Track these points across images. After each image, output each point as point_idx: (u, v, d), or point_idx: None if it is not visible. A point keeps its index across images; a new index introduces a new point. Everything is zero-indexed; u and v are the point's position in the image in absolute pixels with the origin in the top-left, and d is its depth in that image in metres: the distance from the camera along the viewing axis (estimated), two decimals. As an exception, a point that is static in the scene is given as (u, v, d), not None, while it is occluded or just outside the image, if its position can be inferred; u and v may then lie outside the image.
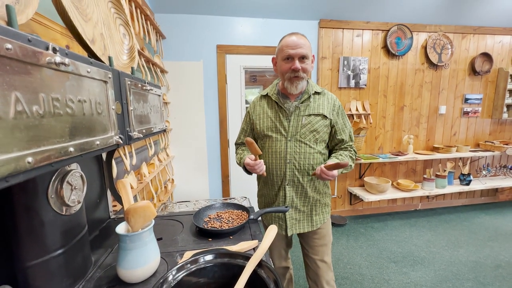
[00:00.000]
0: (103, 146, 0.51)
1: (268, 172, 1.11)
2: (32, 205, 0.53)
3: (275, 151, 1.09)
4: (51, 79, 0.37)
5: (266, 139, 1.12)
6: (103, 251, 0.81)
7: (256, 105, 1.19)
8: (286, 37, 1.05)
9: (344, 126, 1.13)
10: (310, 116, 1.07)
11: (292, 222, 1.13)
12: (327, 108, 1.10)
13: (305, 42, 1.02)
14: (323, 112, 1.08)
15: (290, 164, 1.07)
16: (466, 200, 3.21)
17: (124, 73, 0.65)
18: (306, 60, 1.02)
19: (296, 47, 0.99)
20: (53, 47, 0.37)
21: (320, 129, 1.08)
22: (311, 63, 1.05)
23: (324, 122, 1.08)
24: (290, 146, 1.07)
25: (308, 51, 1.02)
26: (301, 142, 1.06)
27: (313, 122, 1.07)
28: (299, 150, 1.06)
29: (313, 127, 1.07)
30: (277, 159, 1.09)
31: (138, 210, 0.61)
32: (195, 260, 0.52)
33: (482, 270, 1.93)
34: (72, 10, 0.64)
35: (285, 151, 1.07)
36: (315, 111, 1.08)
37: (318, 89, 1.13)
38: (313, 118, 1.07)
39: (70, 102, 0.41)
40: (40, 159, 0.34)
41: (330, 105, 1.11)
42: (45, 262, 0.56)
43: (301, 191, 1.10)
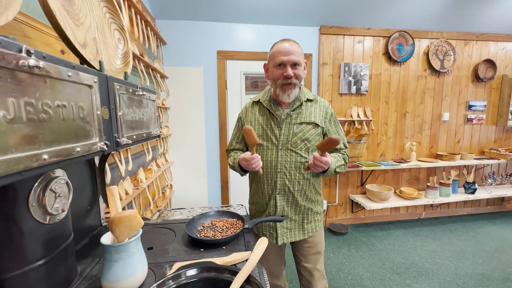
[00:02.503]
0: (85, 153, 0.49)
1: (259, 180, 1.10)
2: (10, 214, 0.51)
3: (265, 159, 1.06)
4: (23, 83, 0.35)
5: (257, 147, 1.08)
6: (90, 261, 0.78)
7: (248, 111, 1.16)
8: (277, 43, 1.03)
9: (336, 134, 1.11)
10: (302, 124, 1.05)
11: (283, 231, 1.10)
12: (319, 116, 1.08)
13: (297, 48, 1.01)
14: (315, 120, 1.06)
15: (281, 174, 1.05)
16: (471, 209, 3.13)
17: (113, 78, 0.63)
18: (299, 66, 1.01)
19: (289, 54, 0.98)
20: (27, 49, 0.35)
21: (312, 137, 1.05)
22: (303, 70, 1.04)
23: (316, 131, 1.06)
24: (281, 155, 1.04)
25: (301, 58, 1.01)
26: (292, 151, 1.04)
27: (305, 131, 1.05)
28: (289, 159, 1.04)
29: (304, 136, 1.05)
30: (267, 168, 1.06)
31: (123, 219, 0.59)
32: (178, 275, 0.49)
33: (490, 283, 1.85)
34: (62, 13, 0.63)
35: (276, 160, 1.05)
36: (307, 119, 1.06)
37: (311, 96, 1.11)
38: (305, 127, 1.05)
39: (46, 107, 0.39)
40: (6, 168, 0.32)
41: (322, 113, 1.09)
42: (24, 274, 0.53)
43: (292, 200, 1.08)
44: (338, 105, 2.69)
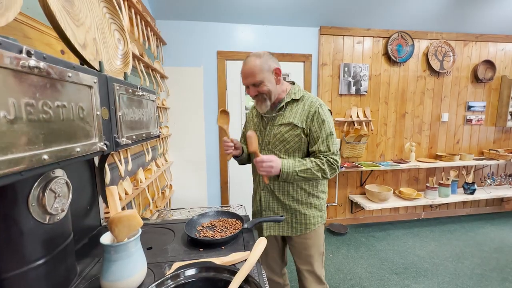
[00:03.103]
0: (84, 153, 0.49)
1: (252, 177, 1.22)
2: (10, 213, 0.51)
3: (253, 157, 1.12)
4: (24, 84, 0.35)
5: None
6: (90, 261, 0.78)
7: (250, 112, 1.28)
8: (242, 65, 1.06)
9: (319, 134, 1.05)
10: (281, 126, 1.07)
11: (270, 224, 1.14)
12: (300, 116, 1.06)
13: (254, 68, 1.01)
14: (293, 121, 1.05)
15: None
16: (470, 210, 3.14)
17: (112, 78, 0.63)
18: (261, 84, 1.02)
19: (246, 77, 1.03)
20: (28, 50, 0.36)
21: (290, 139, 1.06)
22: (272, 80, 1.04)
23: (295, 132, 1.05)
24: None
25: (259, 76, 1.01)
26: (272, 151, 1.09)
27: (283, 132, 1.07)
28: None
29: (282, 137, 1.07)
30: (253, 166, 1.17)
31: (122, 219, 0.59)
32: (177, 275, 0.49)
33: (488, 283, 1.86)
34: (62, 14, 0.64)
35: None
36: (286, 120, 1.07)
37: (297, 95, 1.10)
38: (283, 128, 1.07)
39: (46, 108, 0.39)
40: (6, 167, 0.32)
41: (304, 112, 1.06)
42: (23, 273, 0.54)
43: (275, 198, 1.13)
44: (338, 106, 2.70)
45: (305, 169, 1.01)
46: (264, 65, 1.02)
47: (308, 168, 1.01)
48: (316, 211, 1.14)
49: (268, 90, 1.03)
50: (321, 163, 1.02)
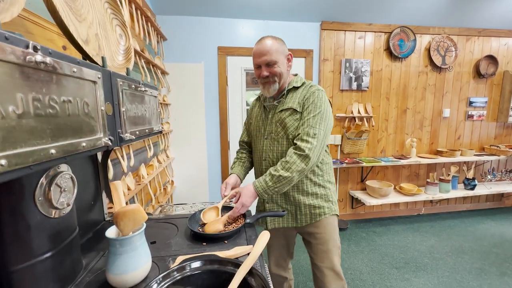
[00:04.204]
0: (90, 148, 0.49)
1: (255, 168, 1.21)
2: (17, 208, 0.52)
3: (256, 149, 1.15)
4: (31, 79, 0.36)
5: (253, 138, 1.20)
6: (95, 254, 0.79)
7: (252, 105, 1.26)
8: (256, 44, 1.06)
9: (306, 117, 0.99)
10: (282, 112, 1.06)
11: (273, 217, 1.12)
12: (298, 101, 1.03)
13: (271, 47, 1.00)
14: (292, 106, 1.03)
15: (265, 162, 1.11)
16: (470, 205, 3.15)
17: (116, 74, 0.64)
18: (275, 64, 1.01)
19: (261, 56, 1.01)
20: (34, 45, 0.36)
21: (290, 124, 1.03)
22: (284, 64, 1.04)
23: (294, 117, 1.03)
24: (266, 144, 1.10)
25: (275, 56, 1.00)
26: (274, 139, 1.07)
27: (283, 118, 1.05)
28: (271, 148, 1.08)
29: (283, 123, 1.05)
30: (256, 157, 1.15)
31: (127, 213, 0.60)
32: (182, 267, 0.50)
33: (487, 277, 1.88)
34: (65, 10, 0.64)
35: (261, 149, 1.12)
36: (286, 106, 1.05)
37: (299, 83, 1.08)
38: (283, 114, 1.05)
39: (52, 102, 0.39)
40: (16, 162, 0.32)
41: (302, 97, 1.04)
42: (31, 266, 0.55)
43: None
44: (339, 101, 2.69)
45: (277, 176, 0.94)
46: (280, 48, 1.02)
47: (279, 175, 0.94)
48: (322, 201, 1.10)
49: (280, 72, 1.02)
50: (288, 160, 0.95)
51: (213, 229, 0.90)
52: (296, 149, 0.96)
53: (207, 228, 0.90)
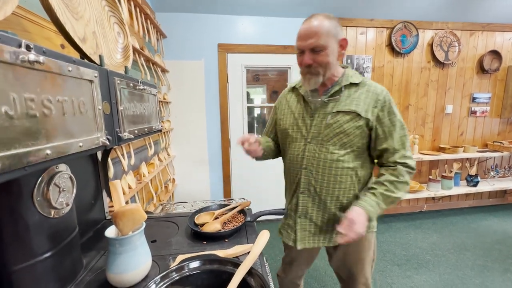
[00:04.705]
0: (87, 148, 0.49)
1: (287, 175, 1.01)
2: (16, 208, 0.52)
3: (293, 153, 0.94)
4: (24, 78, 0.35)
5: (287, 139, 0.97)
6: (95, 253, 0.79)
7: (283, 98, 1.04)
8: (302, 23, 0.85)
9: (391, 129, 0.85)
10: (338, 114, 0.85)
11: (304, 234, 0.94)
12: (364, 104, 0.85)
13: (320, 28, 0.79)
14: (356, 109, 0.84)
15: (306, 171, 0.91)
16: (473, 202, 3.13)
17: (113, 72, 0.63)
18: (322, 51, 0.81)
19: (306, 38, 0.81)
20: (27, 44, 0.35)
21: (350, 131, 0.85)
22: (335, 51, 0.83)
23: (356, 123, 0.84)
24: (309, 149, 0.90)
25: (324, 40, 0.80)
26: (323, 145, 0.87)
27: (341, 122, 0.85)
28: (318, 155, 0.88)
29: (339, 128, 0.85)
30: (293, 163, 0.94)
31: (126, 213, 0.60)
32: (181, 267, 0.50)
33: (490, 274, 1.87)
34: (61, 7, 0.63)
35: (302, 154, 0.91)
36: (346, 107, 0.85)
37: (356, 79, 0.88)
38: (341, 117, 0.85)
39: (47, 102, 0.39)
40: (10, 163, 0.32)
41: (369, 100, 0.85)
42: (31, 266, 0.55)
43: (318, 203, 0.92)
44: (340, 98, 2.67)
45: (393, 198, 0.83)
46: (333, 30, 0.81)
47: (395, 197, 0.84)
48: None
49: (327, 61, 0.82)
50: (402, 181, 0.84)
51: (211, 229, 0.89)
52: (407, 167, 0.85)
53: (206, 227, 0.90)
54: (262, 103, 2.80)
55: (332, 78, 0.89)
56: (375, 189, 0.85)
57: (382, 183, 0.85)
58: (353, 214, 0.78)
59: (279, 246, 2.27)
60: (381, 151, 0.87)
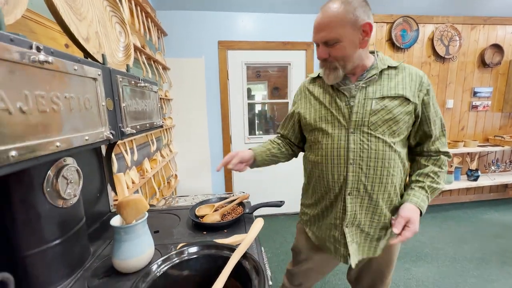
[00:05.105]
0: (92, 141, 0.53)
1: (321, 174, 0.85)
2: (28, 198, 0.56)
3: (331, 147, 0.81)
4: (35, 77, 0.39)
5: (318, 133, 0.85)
6: (101, 243, 0.84)
7: (303, 91, 0.93)
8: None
9: (434, 115, 0.79)
10: (384, 99, 0.76)
11: (355, 248, 0.81)
12: (410, 88, 0.77)
13: (332, 17, 0.71)
14: (404, 94, 0.76)
15: (354, 166, 0.78)
16: (474, 196, 3.14)
17: (115, 70, 0.66)
18: (337, 44, 0.72)
19: (319, 31, 0.74)
20: (37, 46, 0.39)
21: (400, 117, 0.76)
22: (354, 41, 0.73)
23: (406, 108, 0.76)
24: (354, 141, 0.77)
25: (336, 31, 0.71)
26: (370, 135, 0.76)
27: (389, 107, 0.75)
28: (367, 146, 0.77)
29: (389, 115, 0.75)
30: (334, 159, 0.80)
31: (130, 203, 0.64)
32: (181, 252, 0.54)
33: (487, 266, 1.89)
34: (66, 10, 0.66)
35: (346, 147, 0.78)
36: (392, 91, 0.76)
37: (393, 62, 0.81)
38: (389, 102, 0.76)
39: (56, 99, 0.42)
40: (25, 153, 0.36)
41: (414, 83, 0.77)
42: (42, 251, 0.59)
43: (369, 205, 0.79)
44: (340, 94, 2.68)
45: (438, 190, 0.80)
46: (349, 16, 0.70)
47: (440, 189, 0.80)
48: None
49: (343, 55, 0.74)
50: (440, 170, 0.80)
51: (211, 220, 0.93)
52: (447, 156, 0.82)
53: (206, 219, 0.94)
54: (263, 99, 2.83)
55: (363, 65, 0.80)
56: (422, 182, 0.79)
57: (427, 175, 0.80)
58: (407, 213, 0.72)
59: (279, 240, 2.32)
60: (423, 138, 0.81)
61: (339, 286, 1.74)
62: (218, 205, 1.04)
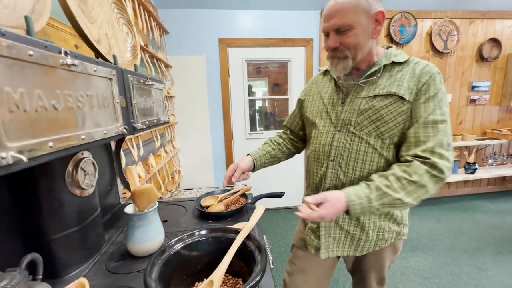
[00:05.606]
0: (110, 135, 0.58)
1: (310, 168, 0.87)
2: (52, 188, 0.62)
3: (318, 143, 0.81)
4: (64, 78, 0.44)
5: (312, 127, 0.86)
6: (115, 231, 0.90)
7: (313, 84, 0.92)
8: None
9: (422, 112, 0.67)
10: (375, 98, 0.71)
11: (329, 241, 0.80)
12: (408, 85, 0.69)
13: (344, 5, 0.67)
14: (398, 91, 0.69)
15: (334, 164, 0.77)
16: (472, 189, 3.20)
17: (127, 70, 0.72)
18: (349, 31, 0.68)
19: (329, 18, 0.69)
20: (65, 51, 0.44)
21: (390, 118, 0.69)
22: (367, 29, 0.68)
23: (398, 107, 0.69)
24: (338, 139, 0.76)
25: (349, 18, 0.66)
26: (355, 135, 0.74)
27: (378, 107, 0.70)
28: (349, 146, 0.74)
29: (376, 115, 0.71)
30: (319, 154, 0.81)
31: (143, 191, 0.70)
32: (192, 234, 0.60)
33: (482, 255, 1.96)
34: (79, 14, 0.71)
35: (329, 144, 0.78)
36: (385, 89, 0.70)
37: (401, 58, 0.73)
38: (379, 102, 0.71)
39: (80, 97, 0.48)
40: (59, 145, 0.41)
41: (415, 79, 0.69)
42: (65, 236, 0.65)
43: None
44: (340, 90, 2.72)
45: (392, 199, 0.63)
46: (363, 3, 0.66)
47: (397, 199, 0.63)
48: (394, 225, 0.80)
49: (355, 43, 0.69)
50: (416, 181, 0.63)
51: (216, 210, 0.99)
52: (430, 166, 0.63)
53: (211, 209, 1.00)
54: (264, 95, 2.87)
55: (370, 59, 0.74)
56: (371, 180, 0.68)
57: (385, 177, 0.66)
58: (330, 195, 0.65)
59: (281, 233, 2.39)
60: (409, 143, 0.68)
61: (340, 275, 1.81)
62: (222, 196, 1.10)
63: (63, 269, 0.65)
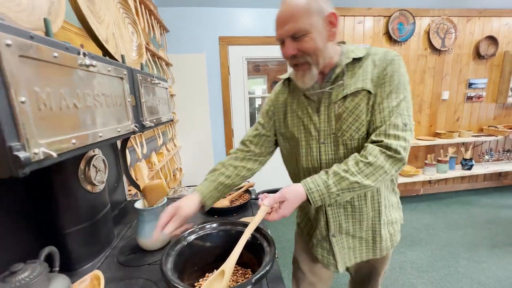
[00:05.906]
0: (122, 133, 0.61)
1: None
2: (67, 184, 0.64)
3: (305, 159, 0.75)
4: (83, 78, 0.46)
5: (293, 143, 0.78)
6: (123, 227, 0.93)
7: (278, 94, 0.82)
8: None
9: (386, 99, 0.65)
10: (346, 99, 0.68)
11: (344, 253, 0.78)
12: (372, 77, 0.67)
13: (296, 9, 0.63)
14: (364, 86, 0.66)
15: None
16: (468, 185, 3.25)
17: (136, 70, 0.74)
18: (305, 36, 0.63)
19: (282, 24, 0.65)
20: (83, 52, 0.46)
21: (365, 115, 0.67)
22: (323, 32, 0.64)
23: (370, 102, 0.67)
24: (325, 151, 0.71)
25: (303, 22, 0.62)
26: (338, 143, 0.70)
27: (351, 108, 0.67)
28: (338, 155, 0.70)
29: (352, 116, 0.67)
30: (309, 171, 0.75)
31: (154, 187, 0.72)
32: (203, 226, 0.63)
33: (478, 249, 2.01)
34: (89, 15, 0.73)
35: (318, 158, 0.73)
36: (352, 87, 0.67)
37: (359, 52, 0.69)
38: (350, 102, 0.67)
39: (97, 96, 0.50)
40: (80, 141, 0.44)
41: (377, 70, 0.67)
42: (78, 230, 0.68)
43: (353, 213, 0.74)
44: (339, 87, 2.75)
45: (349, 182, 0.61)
46: (313, 5, 0.62)
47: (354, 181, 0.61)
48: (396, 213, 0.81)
49: (314, 48, 0.64)
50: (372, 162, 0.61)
51: (221, 205, 1.02)
52: (385, 148, 0.62)
53: (216, 204, 1.03)
54: (263, 93, 2.89)
55: (330, 62, 0.69)
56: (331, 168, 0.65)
57: (344, 163, 0.64)
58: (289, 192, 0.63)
59: (281, 229, 2.43)
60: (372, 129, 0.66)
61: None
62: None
63: (77, 262, 0.68)
